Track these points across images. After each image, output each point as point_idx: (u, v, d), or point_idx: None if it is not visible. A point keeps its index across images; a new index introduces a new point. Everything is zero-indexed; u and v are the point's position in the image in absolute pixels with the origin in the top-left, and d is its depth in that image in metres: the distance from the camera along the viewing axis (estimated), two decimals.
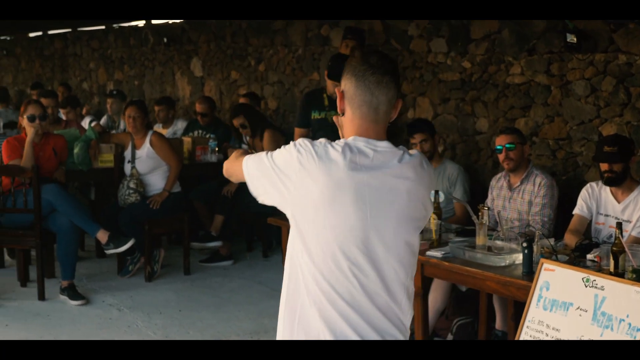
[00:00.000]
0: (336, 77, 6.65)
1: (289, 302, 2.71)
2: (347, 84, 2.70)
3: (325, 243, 2.61)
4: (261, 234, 8.42)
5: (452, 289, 5.82)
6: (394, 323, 2.68)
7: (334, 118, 2.84)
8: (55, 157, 7.33)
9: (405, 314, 2.72)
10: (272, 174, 2.65)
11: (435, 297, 5.71)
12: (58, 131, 8.09)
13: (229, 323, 6.37)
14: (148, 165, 7.70)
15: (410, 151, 2.72)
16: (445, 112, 7.35)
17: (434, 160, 6.39)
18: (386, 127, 2.71)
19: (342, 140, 2.67)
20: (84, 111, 11.32)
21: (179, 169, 7.76)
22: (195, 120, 9.22)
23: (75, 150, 7.81)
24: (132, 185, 7.59)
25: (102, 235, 7.08)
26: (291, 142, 2.67)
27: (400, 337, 2.70)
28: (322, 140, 2.66)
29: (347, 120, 2.73)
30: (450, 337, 5.92)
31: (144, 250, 7.52)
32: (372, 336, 2.64)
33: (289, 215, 2.69)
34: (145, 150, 7.72)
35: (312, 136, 6.93)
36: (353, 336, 2.61)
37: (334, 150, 2.61)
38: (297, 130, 7.02)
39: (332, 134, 6.97)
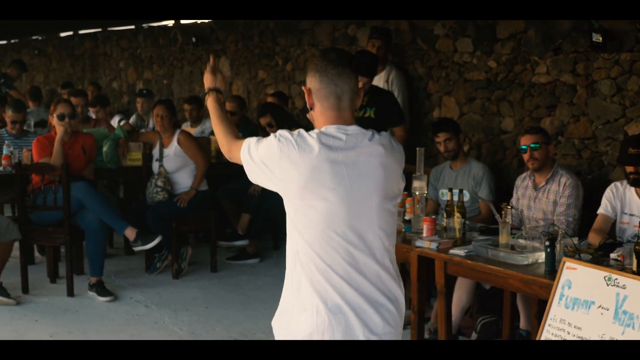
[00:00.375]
0: (361, 72, 6.67)
1: (288, 279, 3.00)
2: (312, 81, 2.99)
3: (313, 222, 2.89)
4: None
5: (476, 287, 5.83)
6: (384, 293, 2.94)
7: (307, 115, 3.10)
8: (84, 155, 7.42)
9: (394, 279, 2.99)
10: (259, 163, 2.95)
11: (460, 295, 5.73)
12: (87, 130, 8.19)
13: (255, 320, 6.42)
14: (176, 164, 7.77)
15: (380, 133, 3.05)
16: (471, 111, 7.36)
17: (459, 160, 6.40)
18: (353, 113, 3.03)
19: (316, 130, 2.95)
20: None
21: (206, 167, 7.82)
22: None
23: (104, 149, 7.90)
24: (159, 183, 7.67)
25: (130, 233, 7.16)
26: (272, 134, 2.95)
27: (390, 307, 2.94)
28: (299, 130, 2.94)
29: (317, 113, 3.01)
30: (474, 335, 5.93)
31: (172, 248, 7.60)
32: (364, 306, 2.89)
33: (282, 197, 2.98)
34: (172, 149, 7.80)
35: None
36: (344, 306, 2.86)
37: (311, 137, 2.89)
38: None
39: None
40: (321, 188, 2.87)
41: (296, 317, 2.95)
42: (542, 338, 4.09)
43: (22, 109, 8.23)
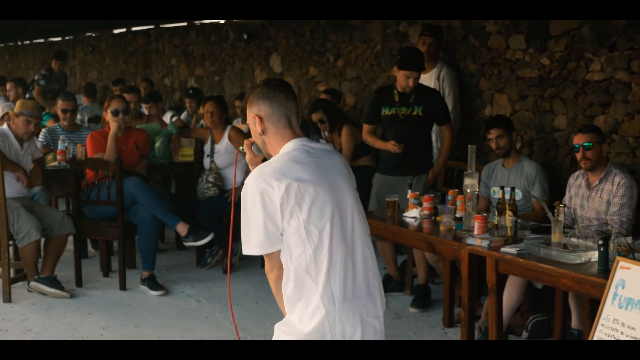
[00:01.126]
0: (407, 67, 6.66)
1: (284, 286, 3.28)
2: (262, 107, 3.30)
3: (313, 224, 3.18)
4: None
5: (527, 285, 5.79)
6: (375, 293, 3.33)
7: (247, 142, 3.44)
8: (137, 151, 7.50)
9: (375, 265, 3.37)
10: (274, 228, 3.19)
11: (511, 293, 5.69)
12: (140, 126, 8.28)
13: None
14: (226, 160, 7.82)
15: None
16: (523, 108, 7.30)
17: (512, 158, 6.35)
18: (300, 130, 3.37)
19: (282, 154, 3.27)
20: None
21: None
22: None
23: (157, 145, 7.99)
24: (210, 179, 7.72)
25: (182, 228, 7.21)
26: (250, 192, 3.19)
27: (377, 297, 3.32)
28: (269, 173, 3.18)
29: (271, 135, 3.32)
30: (525, 334, 5.90)
31: (223, 243, 7.65)
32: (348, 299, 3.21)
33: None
34: (224, 145, 7.85)
35: (382, 132, 6.96)
36: (327, 303, 3.15)
37: (288, 165, 3.20)
38: (365, 127, 7.05)
39: (402, 130, 7.00)
40: (317, 213, 3.18)
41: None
42: (595, 338, 4.05)
43: (72, 97, 8.35)
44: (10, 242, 6.95)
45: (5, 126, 7.17)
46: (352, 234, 3.27)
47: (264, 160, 3.36)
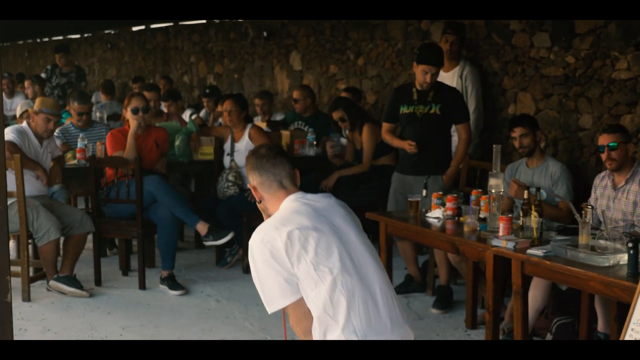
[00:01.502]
0: (425, 61, 6.58)
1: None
2: (254, 177, 3.51)
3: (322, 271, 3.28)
4: None
5: (552, 287, 5.70)
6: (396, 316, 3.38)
7: (258, 205, 3.59)
8: (156, 149, 7.46)
9: (396, 297, 3.46)
10: (285, 277, 3.29)
11: (535, 295, 5.60)
12: (160, 124, 8.24)
13: None
14: None
15: None
16: (548, 107, 7.21)
17: (535, 157, 6.25)
18: (297, 188, 3.54)
19: (280, 210, 3.45)
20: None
21: None
22: (294, 112, 9.24)
23: (177, 143, 7.95)
24: (230, 178, 7.67)
25: (202, 227, 7.17)
26: (256, 248, 3.34)
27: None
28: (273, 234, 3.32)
29: (269, 200, 3.51)
30: (549, 336, 5.81)
31: (243, 243, 7.60)
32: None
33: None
34: (244, 143, 7.80)
35: (400, 131, 6.88)
36: (349, 336, 3.23)
37: (286, 216, 3.39)
38: (384, 125, 6.98)
39: (420, 129, 6.91)
40: (323, 243, 3.31)
41: None
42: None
43: (87, 100, 8.31)
44: (30, 241, 6.93)
45: (24, 124, 7.15)
46: (365, 269, 3.35)
47: None
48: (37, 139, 7.04)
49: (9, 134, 6.86)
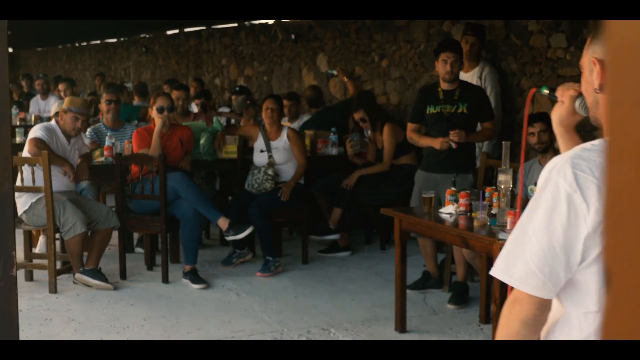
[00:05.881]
0: (444, 48, 6.65)
1: None
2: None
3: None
4: (380, 227, 8.53)
5: None
6: None
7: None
8: (181, 147, 7.64)
9: None
10: (558, 260, 1.99)
11: None
12: (186, 123, 8.44)
13: (342, 311, 6.51)
14: (284, 157, 7.88)
15: None
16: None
17: (549, 155, 6.33)
18: None
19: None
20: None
21: (305, 167, 7.95)
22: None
23: (202, 141, 8.13)
24: (270, 172, 7.77)
25: (223, 223, 7.32)
26: (552, 186, 1.99)
27: None
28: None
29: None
30: None
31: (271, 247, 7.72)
32: None
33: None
34: (282, 142, 7.92)
35: (427, 131, 6.99)
36: None
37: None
38: (409, 125, 7.07)
39: (448, 128, 6.99)
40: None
41: None
42: None
43: (115, 89, 8.55)
44: (57, 235, 7.14)
45: (53, 122, 7.37)
46: None
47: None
48: (65, 136, 7.25)
49: (37, 131, 7.09)
